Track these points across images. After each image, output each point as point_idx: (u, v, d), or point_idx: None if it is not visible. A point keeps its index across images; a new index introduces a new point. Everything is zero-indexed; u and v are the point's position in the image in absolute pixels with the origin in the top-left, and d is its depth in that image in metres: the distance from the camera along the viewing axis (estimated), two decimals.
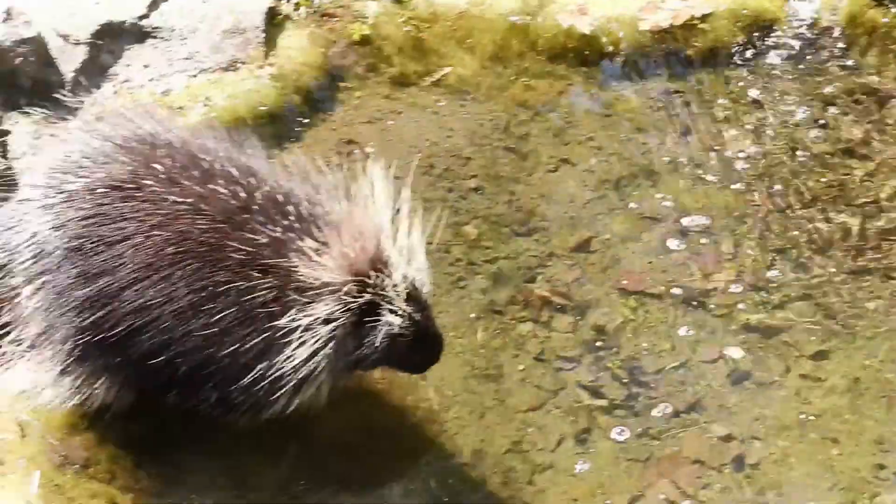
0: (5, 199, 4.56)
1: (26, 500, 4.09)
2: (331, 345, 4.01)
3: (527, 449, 4.55)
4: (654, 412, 4.64)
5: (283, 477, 4.38)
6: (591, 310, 4.93)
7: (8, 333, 4.26)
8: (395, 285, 4.01)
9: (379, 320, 4.04)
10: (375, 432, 4.54)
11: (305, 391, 4.09)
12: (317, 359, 4.00)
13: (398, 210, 4.07)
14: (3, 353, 4.27)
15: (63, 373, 4.21)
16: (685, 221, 5.26)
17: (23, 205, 4.27)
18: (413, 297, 4.06)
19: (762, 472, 4.50)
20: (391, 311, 4.03)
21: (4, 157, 4.97)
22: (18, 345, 4.25)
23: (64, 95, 5.02)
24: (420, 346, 4.17)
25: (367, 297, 4.00)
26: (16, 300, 4.24)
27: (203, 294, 3.97)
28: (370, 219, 4.04)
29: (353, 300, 3.99)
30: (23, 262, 4.18)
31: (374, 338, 4.06)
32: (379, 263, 4.00)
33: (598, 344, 4.84)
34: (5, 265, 4.26)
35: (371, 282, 3.99)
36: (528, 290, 4.99)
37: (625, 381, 4.74)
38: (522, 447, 4.55)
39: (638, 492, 4.43)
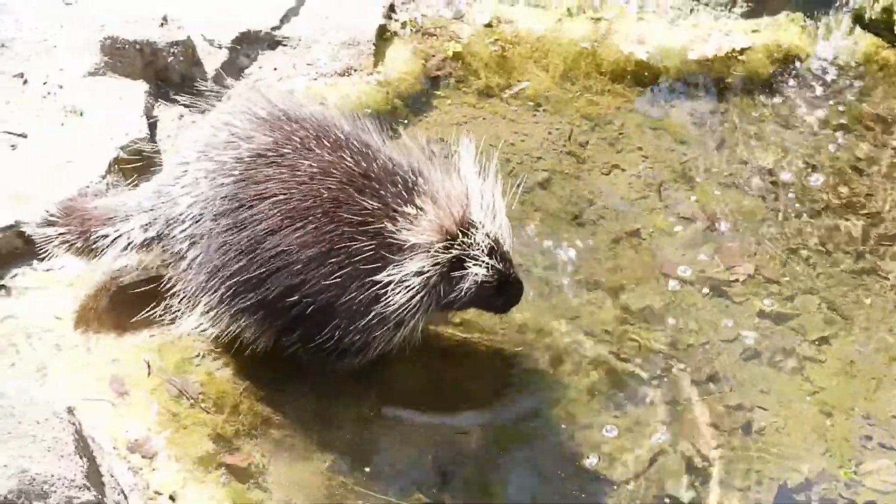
0: (152, 177, 4.58)
1: (147, 424, 4.08)
2: (423, 293, 4.08)
3: (567, 407, 4.49)
4: (679, 382, 4.52)
5: (364, 416, 4.35)
6: (629, 291, 4.84)
7: (173, 289, 4.26)
8: (479, 242, 4.08)
9: (466, 271, 4.08)
10: (446, 384, 4.52)
11: (403, 331, 4.17)
12: (412, 303, 4.08)
13: (483, 179, 4.16)
14: (170, 306, 4.26)
15: (215, 316, 4.22)
16: (716, 221, 5.16)
17: (178, 180, 4.27)
18: (495, 250, 4.13)
19: (766, 437, 4.43)
20: (476, 264, 4.08)
21: (153, 140, 4.93)
22: (181, 298, 4.24)
23: (206, 90, 4.98)
24: (503, 291, 4.24)
25: (455, 252, 4.07)
26: (179, 262, 4.24)
27: (325, 248, 4.04)
28: (459, 187, 4.12)
29: (442, 256, 4.05)
30: (184, 228, 4.20)
31: (461, 286, 4.13)
32: (466, 224, 4.08)
33: (635, 320, 4.76)
34: (163, 232, 4.26)
35: (458, 240, 4.06)
36: (578, 272, 4.91)
37: (655, 353, 4.63)
38: (566, 405, 4.48)
39: (660, 449, 4.34)
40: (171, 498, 3.96)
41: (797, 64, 5.84)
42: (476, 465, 4.31)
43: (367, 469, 4.21)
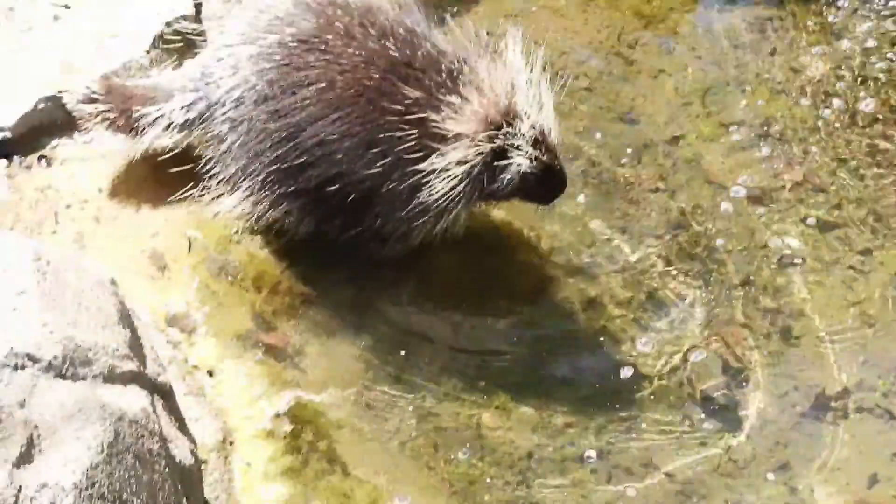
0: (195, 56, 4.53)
1: (186, 300, 4.07)
2: (465, 182, 4.04)
3: (606, 303, 4.46)
4: (719, 284, 4.50)
5: (403, 304, 4.34)
6: (673, 195, 4.80)
7: (212, 171, 4.24)
8: (524, 132, 4.02)
9: (509, 161, 4.04)
10: (485, 274, 4.48)
11: (446, 218, 4.14)
12: (454, 192, 4.05)
13: (531, 69, 4.09)
14: (209, 188, 4.24)
15: (256, 201, 4.20)
16: (764, 128, 5.08)
17: (221, 62, 4.22)
18: (540, 141, 4.07)
19: (804, 344, 4.39)
20: (519, 154, 4.03)
21: (199, 20, 4.87)
22: (221, 181, 4.22)
23: None
24: (546, 182, 4.18)
25: (499, 142, 4.02)
26: (219, 144, 4.22)
27: (367, 138, 4.02)
28: (506, 77, 4.05)
29: (486, 145, 4.01)
30: (225, 111, 4.17)
31: (505, 175, 4.08)
32: (510, 115, 4.02)
33: (678, 224, 4.71)
34: (204, 113, 4.23)
35: (503, 130, 4.01)
36: (618, 173, 4.85)
37: (696, 256, 4.60)
38: (603, 301, 4.46)
39: (697, 351, 4.33)
40: (209, 373, 3.97)
41: None
42: (510, 360, 4.28)
43: (403, 353, 4.21)
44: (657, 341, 4.34)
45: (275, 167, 4.10)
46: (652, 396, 4.20)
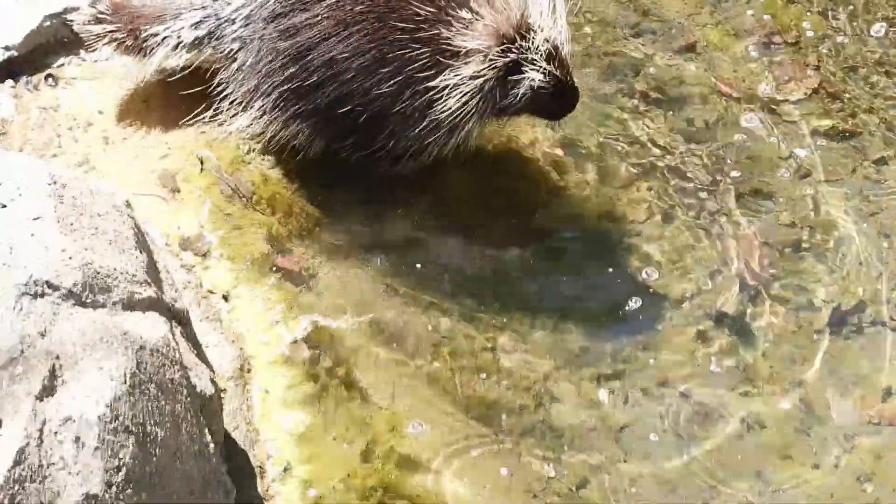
0: None
1: (199, 222, 4.04)
2: (478, 97, 4.02)
3: (620, 219, 4.45)
4: (729, 196, 4.47)
5: (414, 222, 4.32)
6: (686, 105, 4.76)
7: (223, 92, 4.19)
8: (537, 47, 3.98)
9: (523, 76, 4.01)
10: (498, 193, 4.45)
11: (458, 134, 4.12)
12: (467, 108, 4.02)
13: None
14: (220, 110, 4.20)
15: (267, 120, 4.17)
16: (775, 37, 5.02)
17: None
18: (553, 56, 4.03)
19: (819, 258, 4.39)
20: (532, 69, 4.00)
21: None
22: (232, 101, 4.18)
23: None
24: (558, 97, 4.14)
25: (512, 57, 3.98)
26: (230, 63, 4.17)
27: (377, 56, 3.98)
28: None
29: (499, 60, 3.97)
30: (235, 28, 4.12)
31: (517, 90, 4.05)
32: (523, 29, 3.97)
33: (689, 136, 4.67)
34: (214, 32, 4.19)
35: (516, 44, 3.97)
36: (632, 84, 4.81)
37: (708, 166, 4.57)
38: (616, 217, 4.44)
39: (713, 262, 4.33)
40: (225, 297, 3.95)
41: None
42: (525, 280, 4.27)
43: (417, 275, 4.19)
44: (672, 259, 4.32)
45: (286, 87, 4.05)
46: (668, 315, 4.19)
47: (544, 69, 4.02)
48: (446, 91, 3.98)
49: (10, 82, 4.32)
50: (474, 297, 4.17)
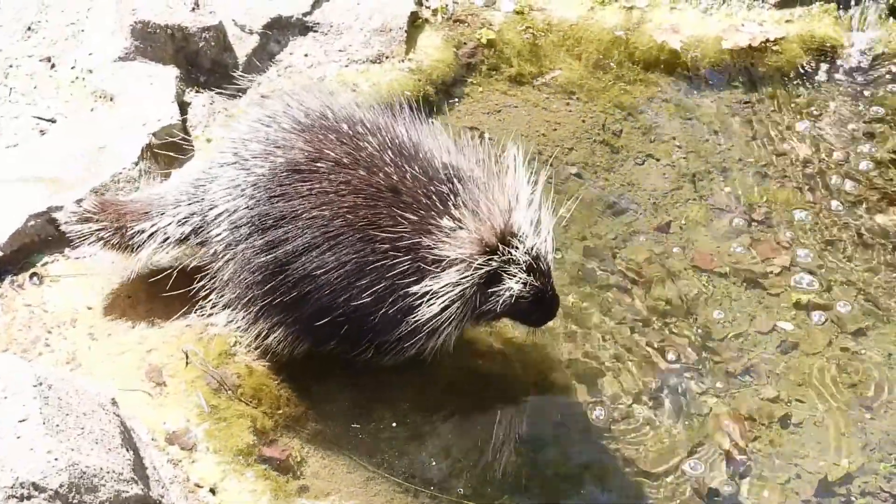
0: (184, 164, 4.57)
1: (185, 416, 4.06)
2: (457, 304, 4.01)
3: (605, 400, 4.48)
4: (715, 373, 4.52)
5: (401, 409, 4.35)
6: (666, 283, 4.82)
7: (208, 297, 4.26)
8: (518, 258, 3.98)
9: (503, 286, 4.01)
10: (483, 376, 4.50)
11: (437, 338, 4.10)
12: (447, 313, 4.01)
13: (530, 188, 4.05)
14: (205, 310, 4.28)
15: (248, 328, 4.23)
16: (750, 213, 5.13)
17: (216, 182, 4.25)
18: (534, 267, 4.03)
19: (804, 430, 4.43)
20: (513, 279, 3.99)
21: (185, 129, 4.91)
22: (215, 306, 4.25)
23: (237, 76, 4.97)
24: (538, 306, 4.15)
25: (493, 266, 3.98)
26: (215, 264, 4.23)
27: (359, 268, 4.00)
28: (501, 198, 4.00)
29: (479, 269, 3.97)
30: (220, 232, 4.18)
31: (497, 298, 4.04)
32: (506, 238, 3.97)
33: (670, 312, 4.74)
34: (200, 229, 4.26)
35: (498, 254, 3.97)
36: (612, 263, 4.88)
37: (690, 344, 4.62)
38: (602, 396, 4.48)
39: (697, 442, 4.35)
40: (212, 490, 3.94)
41: (831, 54, 5.80)
42: (514, 466, 4.29)
43: (405, 460, 4.20)
44: (659, 437, 4.34)
45: (268, 299, 4.10)
46: (658, 496, 4.20)
47: (524, 280, 4.02)
48: (427, 297, 3.99)
49: None
50: (464, 482, 4.17)
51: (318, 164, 4.05)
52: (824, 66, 5.77)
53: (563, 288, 4.58)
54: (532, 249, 4.00)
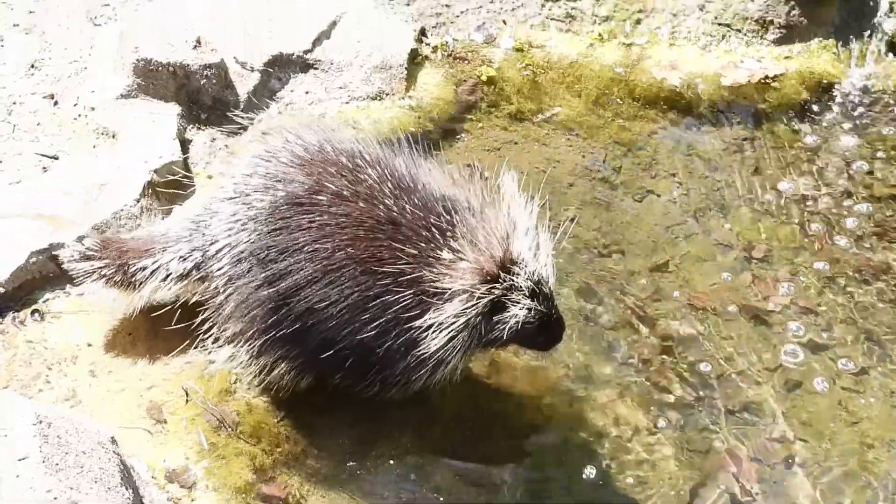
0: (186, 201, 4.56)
1: (185, 453, 4.04)
2: (463, 334, 4.00)
3: (607, 436, 4.46)
4: (717, 412, 4.49)
5: (402, 446, 4.32)
6: (666, 321, 4.79)
7: (209, 331, 4.22)
8: (520, 284, 3.97)
9: (507, 313, 4.00)
10: (484, 413, 4.46)
11: (443, 369, 4.09)
12: (452, 345, 4.00)
13: (527, 214, 4.05)
14: (206, 346, 4.24)
15: (254, 362, 4.18)
16: (750, 250, 5.12)
17: (216, 217, 4.23)
18: (537, 291, 4.02)
19: (808, 469, 4.39)
20: (516, 305, 3.99)
21: (186, 166, 4.91)
22: (216, 341, 4.21)
23: (238, 114, 4.96)
24: (544, 330, 4.13)
25: (496, 294, 3.97)
26: (216, 299, 4.20)
27: (361, 302, 3.98)
28: (500, 226, 4.00)
29: (482, 299, 3.96)
30: (221, 266, 4.16)
31: (503, 326, 4.03)
32: (507, 265, 3.96)
33: (671, 350, 4.72)
34: (201, 265, 4.24)
35: (499, 283, 3.96)
36: (612, 300, 4.86)
37: (692, 383, 4.60)
38: (602, 435, 4.45)
39: (700, 481, 4.31)
40: None
41: (830, 90, 5.81)
42: None
43: (406, 496, 4.17)
44: (661, 476, 4.31)
45: (270, 333, 4.07)
46: None
47: (529, 306, 4.01)
48: (431, 330, 3.97)
49: None
50: None
51: (319, 197, 4.03)
52: (823, 103, 5.78)
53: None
54: (534, 274, 3.99)
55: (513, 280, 3.96)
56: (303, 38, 5.52)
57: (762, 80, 5.76)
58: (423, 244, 3.98)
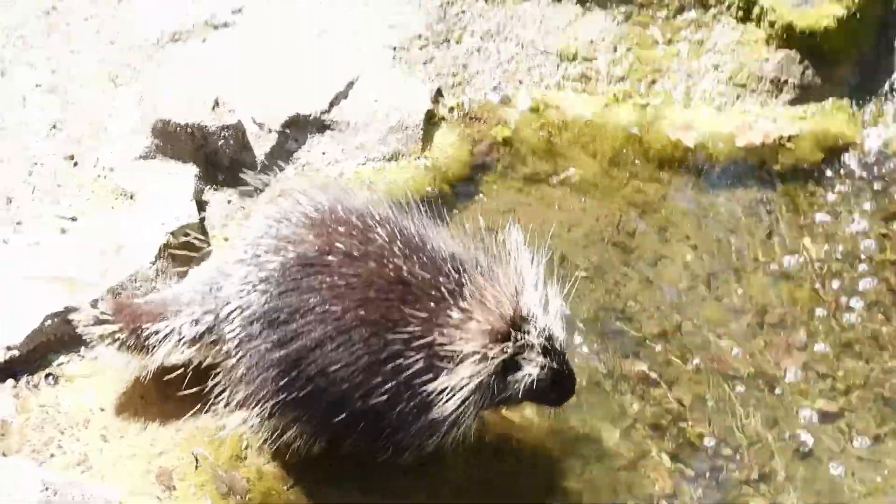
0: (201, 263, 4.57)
1: None
2: (476, 395, 3.99)
3: None
4: (729, 481, 4.46)
5: None
6: (678, 386, 4.76)
7: (221, 395, 4.20)
8: (531, 341, 3.97)
9: (520, 371, 4.00)
10: (496, 476, 4.44)
11: (456, 431, 4.09)
12: (464, 407, 3.99)
13: (534, 269, 4.04)
14: (217, 404, 4.21)
15: (265, 426, 4.17)
16: (763, 314, 5.08)
17: (229, 279, 4.22)
18: (549, 347, 4.01)
19: None
20: (529, 363, 3.99)
21: (203, 229, 4.92)
22: (230, 399, 4.19)
23: (255, 175, 4.97)
24: (556, 386, 4.13)
25: (509, 353, 3.97)
26: (228, 361, 4.19)
27: (373, 365, 3.97)
28: (508, 284, 4.00)
29: (495, 359, 3.96)
30: (233, 328, 4.15)
31: (516, 384, 4.03)
32: (517, 323, 3.96)
33: (683, 416, 4.69)
34: (213, 327, 4.23)
35: (511, 341, 3.96)
36: (624, 365, 4.84)
37: (705, 450, 4.56)
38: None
39: None
40: None
41: (845, 152, 5.78)
42: None
43: None
44: None
45: (282, 396, 4.05)
46: None
47: (542, 363, 4.01)
48: (444, 393, 3.96)
49: (10, 382, 4.36)
50: None
51: (329, 258, 4.03)
52: (838, 164, 5.74)
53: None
54: (545, 330, 3.99)
55: (525, 337, 3.97)
56: (320, 99, 5.54)
57: (777, 141, 5.74)
58: (433, 305, 3.98)
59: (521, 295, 3.99)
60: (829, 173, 5.72)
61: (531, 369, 4.01)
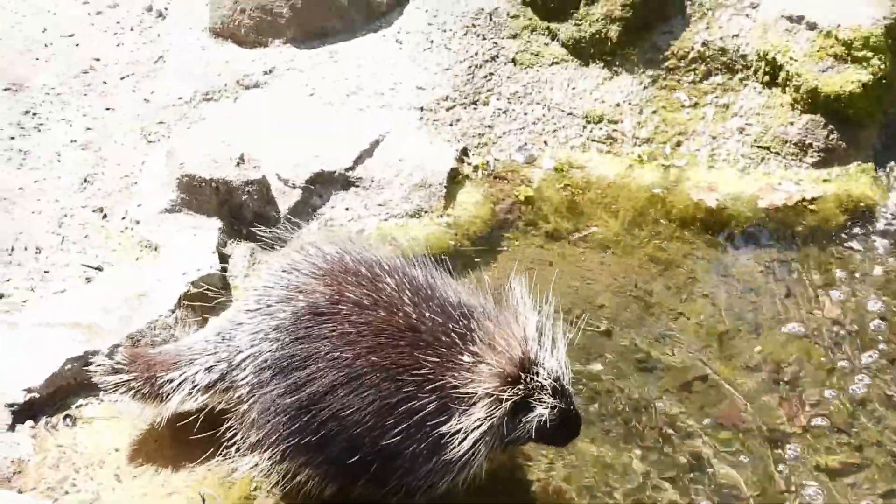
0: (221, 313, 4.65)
1: None
2: (487, 436, 4.06)
3: None
4: None
5: None
6: (692, 440, 4.74)
7: (233, 439, 4.28)
8: (541, 382, 4.03)
9: (530, 412, 4.06)
10: None
11: (467, 473, 4.14)
12: (477, 448, 4.05)
13: (540, 314, 4.10)
14: (230, 449, 4.29)
15: (274, 469, 4.24)
16: (778, 371, 5.06)
17: (241, 327, 4.31)
18: (557, 389, 4.08)
19: None
20: (539, 404, 4.05)
21: (224, 276, 5.01)
22: (242, 444, 4.26)
23: (270, 230, 5.05)
24: (564, 426, 4.18)
25: (518, 395, 4.04)
26: (240, 407, 4.27)
27: (385, 408, 4.04)
28: (517, 328, 4.07)
29: (505, 401, 4.03)
30: (245, 375, 4.23)
31: (526, 425, 4.09)
32: (526, 366, 4.04)
33: (696, 467, 4.67)
34: (226, 375, 4.31)
35: (520, 383, 4.03)
36: (638, 419, 4.83)
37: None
38: None
39: None
40: None
41: (868, 214, 5.78)
42: None
43: None
44: None
45: (294, 440, 4.12)
46: None
47: (552, 404, 4.07)
48: (457, 435, 4.02)
49: (30, 423, 4.45)
50: None
51: (339, 307, 4.12)
52: (860, 226, 5.74)
53: (587, 441, 4.54)
54: (553, 372, 4.06)
55: (534, 379, 4.03)
56: (345, 156, 5.65)
57: (799, 203, 5.76)
58: (444, 349, 4.05)
59: (529, 339, 4.07)
60: (850, 235, 5.71)
61: (542, 410, 4.07)
